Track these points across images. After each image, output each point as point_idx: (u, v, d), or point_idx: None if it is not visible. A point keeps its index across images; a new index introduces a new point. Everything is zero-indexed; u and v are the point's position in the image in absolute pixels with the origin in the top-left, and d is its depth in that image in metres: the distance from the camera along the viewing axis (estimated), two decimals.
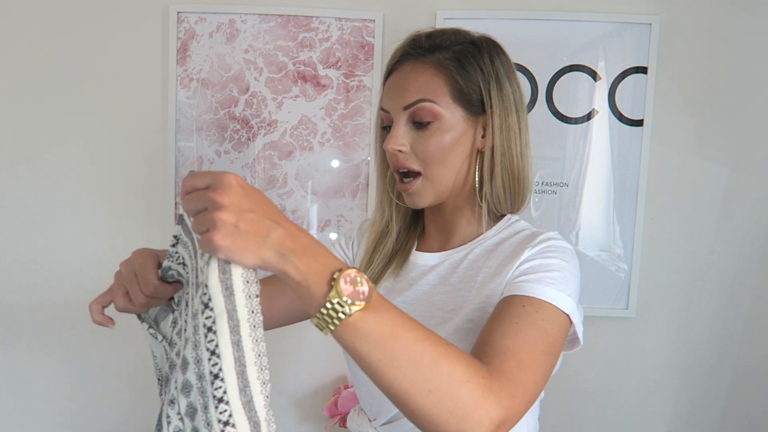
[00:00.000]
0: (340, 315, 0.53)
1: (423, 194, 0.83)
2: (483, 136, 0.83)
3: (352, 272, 0.53)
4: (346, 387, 1.43)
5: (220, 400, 0.53)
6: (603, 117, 1.42)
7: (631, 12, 1.39)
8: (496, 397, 0.57)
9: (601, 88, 1.41)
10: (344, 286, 0.53)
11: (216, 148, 1.47)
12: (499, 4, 1.41)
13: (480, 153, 0.83)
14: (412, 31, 0.86)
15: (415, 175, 0.82)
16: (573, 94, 1.42)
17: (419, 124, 0.81)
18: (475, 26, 0.89)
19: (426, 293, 0.84)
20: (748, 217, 1.42)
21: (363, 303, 0.53)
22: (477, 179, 0.83)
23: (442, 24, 1.40)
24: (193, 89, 1.46)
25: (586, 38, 1.40)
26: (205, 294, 0.52)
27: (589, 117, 1.42)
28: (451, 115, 0.80)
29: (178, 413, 0.55)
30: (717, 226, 1.43)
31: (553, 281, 0.72)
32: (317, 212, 1.48)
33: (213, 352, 0.52)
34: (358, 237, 0.99)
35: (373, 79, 1.43)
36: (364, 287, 0.54)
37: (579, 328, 0.75)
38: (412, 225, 0.94)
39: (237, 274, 0.52)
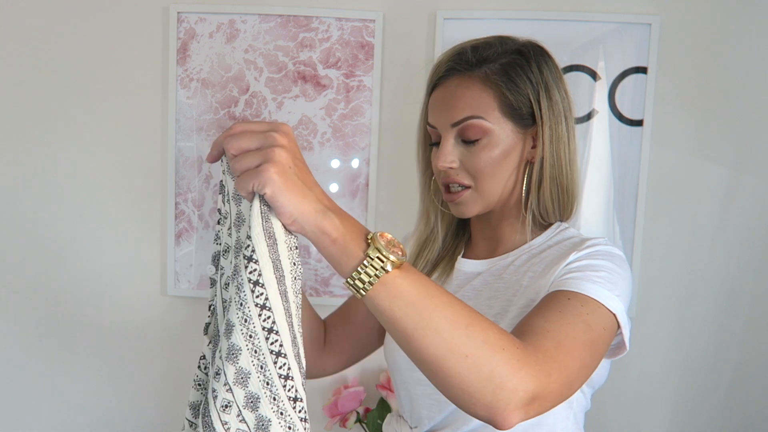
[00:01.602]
0: (379, 272, 0.52)
1: (471, 204, 0.82)
2: (533, 147, 0.82)
3: (387, 234, 0.55)
4: (346, 387, 1.43)
5: (278, 354, 0.52)
6: (603, 117, 1.42)
7: (631, 12, 1.39)
8: (531, 368, 0.55)
9: (601, 88, 1.41)
10: (382, 242, 0.53)
11: None
12: (499, 4, 1.41)
13: (529, 163, 0.82)
14: (458, 42, 0.85)
15: (465, 187, 0.82)
16: (573, 94, 1.40)
17: (468, 140, 0.80)
18: (475, 26, 0.89)
19: (471, 299, 0.83)
20: (748, 217, 1.42)
21: (402, 259, 0.54)
22: (524, 189, 0.82)
23: (441, 24, 1.40)
24: (193, 89, 1.46)
25: (586, 38, 1.40)
26: (248, 246, 0.51)
27: (589, 117, 1.42)
28: (500, 130, 0.80)
29: (225, 384, 0.52)
30: (717, 226, 1.43)
31: (601, 280, 0.70)
32: None
33: (263, 306, 0.51)
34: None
35: (373, 79, 1.43)
36: (398, 249, 0.55)
37: (626, 331, 0.73)
38: (459, 232, 0.93)
39: (278, 224, 0.52)
